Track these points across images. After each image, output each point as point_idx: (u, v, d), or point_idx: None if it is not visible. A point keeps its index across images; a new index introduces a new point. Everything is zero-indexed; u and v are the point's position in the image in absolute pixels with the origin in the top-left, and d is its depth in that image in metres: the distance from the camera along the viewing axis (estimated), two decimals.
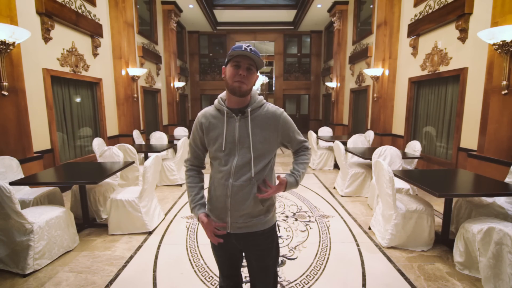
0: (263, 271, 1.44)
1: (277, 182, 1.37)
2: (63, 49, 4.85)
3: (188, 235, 3.13)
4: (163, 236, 3.12)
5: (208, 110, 1.38)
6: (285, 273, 2.42)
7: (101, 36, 5.85)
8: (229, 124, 1.30)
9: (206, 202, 1.43)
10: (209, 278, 2.35)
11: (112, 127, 6.45)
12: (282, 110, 1.38)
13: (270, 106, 1.37)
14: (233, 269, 1.52)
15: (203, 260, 2.62)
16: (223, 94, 1.38)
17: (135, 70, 6.61)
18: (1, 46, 3.16)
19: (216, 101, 1.37)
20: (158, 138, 6.19)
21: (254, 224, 1.34)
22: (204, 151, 1.44)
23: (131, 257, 2.68)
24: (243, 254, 1.49)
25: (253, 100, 1.34)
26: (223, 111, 1.32)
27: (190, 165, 1.48)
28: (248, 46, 1.23)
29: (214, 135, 1.32)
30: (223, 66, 1.34)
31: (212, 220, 1.36)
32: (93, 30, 5.54)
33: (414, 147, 4.57)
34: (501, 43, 3.18)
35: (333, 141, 4.93)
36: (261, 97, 1.37)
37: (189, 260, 2.63)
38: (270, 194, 1.30)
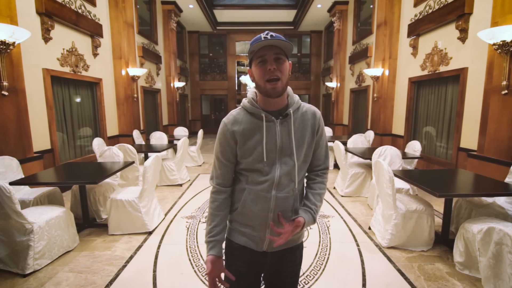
0: (293, 286, 1.27)
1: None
2: (63, 49, 4.85)
3: (188, 235, 3.13)
4: (163, 236, 3.12)
5: (238, 115, 1.14)
6: None
7: (101, 36, 5.85)
8: (269, 130, 1.10)
9: (235, 216, 1.20)
10: None
11: (112, 127, 6.45)
12: (320, 112, 1.21)
13: (307, 105, 1.19)
14: None
15: (203, 260, 2.62)
16: (253, 94, 1.16)
17: (135, 70, 6.61)
18: (1, 46, 3.16)
19: (247, 103, 1.14)
20: (158, 138, 6.19)
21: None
22: (235, 165, 1.19)
23: (131, 257, 2.68)
24: (262, 276, 1.30)
25: (291, 100, 1.15)
26: (259, 115, 1.10)
27: (218, 185, 1.18)
28: (267, 34, 1.01)
29: (251, 144, 1.10)
30: (248, 68, 1.12)
31: (222, 264, 1.16)
32: (93, 30, 5.54)
33: (414, 147, 4.57)
34: (501, 43, 3.18)
35: (333, 141, 4.93)
36: (297, 96, 1.19)
37: (189, 260, 2.63)
38: (286, 239, 1.10)
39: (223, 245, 1.20)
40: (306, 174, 1.26)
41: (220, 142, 1.15)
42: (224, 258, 1.21)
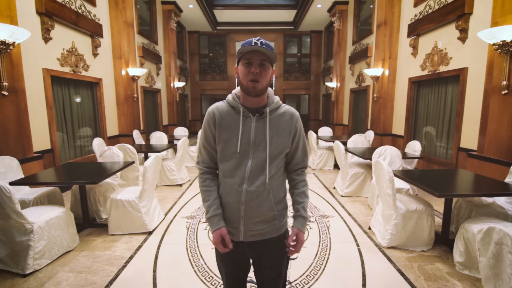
0: (276, 279, 1.34)
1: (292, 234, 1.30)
2: (63, 49, 4.85)
3: (188, 235, 3.13)
4: (163, 236, 3.12)
5: (221, 105, 1.26)
6: None
7: (101, 36, 5.85)
8: (245, 125, 1.20)
9: None
10: (209, 278, 2.35)
11: (112, 127, 6.45)
12: (298, 113, 1.30)
13: (287, 107, 1.28)
14: (241, 281, 1.40)
15: (203, 260, 2.62)
16: (237, 90, 1.26)
17: (135, 70, 6.61)
18: (1, 46, 3.16)
19: (230, 97, 1.25)
20: (158, 138, 6.19)
21: (268, 231, 1.27)
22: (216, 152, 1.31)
23: (131, 257, 2.68)
24: (251, 263, 1.40)
25: (270, 100, 1.25)
26: (238, 110, 1.21)
27: (205, 167, 1.30)
28: (258, 40, 1.12)
29: (226, 133, 1.21)
30: (235, 66, 1.24)
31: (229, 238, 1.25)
32: (93, 30, 5.54)
33: (414, 147, 4.57)
34: (501, 43, 3.18)
35: (333, 141, 4.93)
36: (278, 97, 1.29)
37: (189, 260, 2.63)
38: (299, 250, 1.28)
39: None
40: (287, 175, 1.36)
41: (204, 129, 1.27)
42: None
